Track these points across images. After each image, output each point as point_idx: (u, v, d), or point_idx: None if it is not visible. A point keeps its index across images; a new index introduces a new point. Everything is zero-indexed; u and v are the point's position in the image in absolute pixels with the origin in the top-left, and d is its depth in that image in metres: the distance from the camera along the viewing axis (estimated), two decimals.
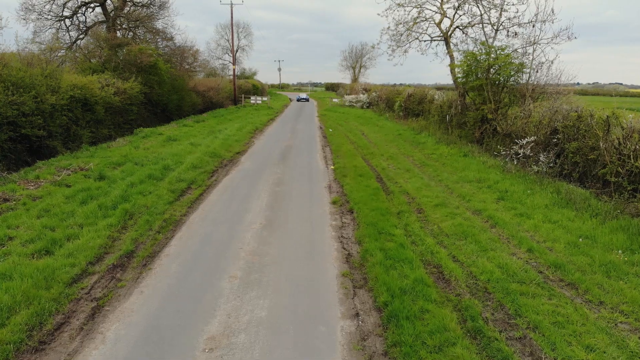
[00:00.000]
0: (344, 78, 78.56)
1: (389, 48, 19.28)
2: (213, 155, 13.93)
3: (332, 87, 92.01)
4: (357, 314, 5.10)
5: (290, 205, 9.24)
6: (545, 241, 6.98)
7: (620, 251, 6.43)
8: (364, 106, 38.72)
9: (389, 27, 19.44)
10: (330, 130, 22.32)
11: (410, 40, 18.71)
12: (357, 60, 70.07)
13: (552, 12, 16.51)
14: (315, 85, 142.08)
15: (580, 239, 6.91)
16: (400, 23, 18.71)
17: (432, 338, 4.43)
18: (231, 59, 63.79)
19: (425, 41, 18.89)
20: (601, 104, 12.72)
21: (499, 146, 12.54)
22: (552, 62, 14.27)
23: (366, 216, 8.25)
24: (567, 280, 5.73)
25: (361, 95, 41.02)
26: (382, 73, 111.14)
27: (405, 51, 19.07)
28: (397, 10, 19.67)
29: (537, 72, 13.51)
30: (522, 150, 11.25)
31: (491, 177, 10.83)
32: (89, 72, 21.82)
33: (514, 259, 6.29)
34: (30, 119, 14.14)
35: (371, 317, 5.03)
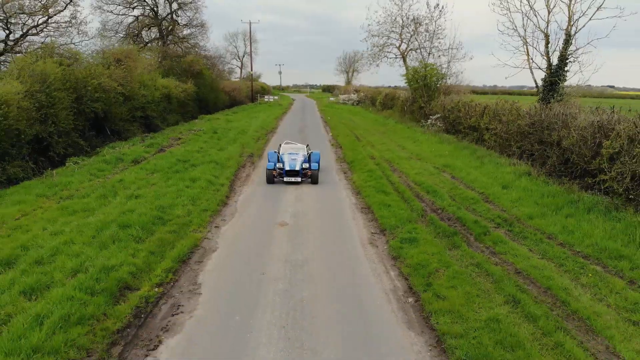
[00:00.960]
0: (339, 81, 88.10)
1: (367, 62, 29.17)
2: (261, 127, 23.62)
3: (328, 89, 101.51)
4: (335, 152, 14.84)
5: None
6: (420, 150, 16.69)
7: (446, 152, 16.14)
8: (355, 103, 48.51)
9: (367, 49, 29.34)
10: (329, 117, 32.06)
11: (381, 57, 28.63)
12: (350, 65, 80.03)
13: (460, 43, 26.54)
14: (312, 87, 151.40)
15: (431, 149, 16.64)
16: (375, 46, 28.63)
17: (361, 165, 14.10)
18: (239, 63, 73.46)
19: (390, 58, 28.82)
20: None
21: (422, 120, 22.34)
22: (461, 73, 24.11)
23: (347, 147, 17.92)
24: (418, 158, 15.44)
25: (352, 95, 50.85)
26: (380, 74, 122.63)
27: (377, 65, 29.08)
28: (372, 39, 29.55)
29: (449, 78, 23.35)
30: (431, 121, 21.03)
31: (415, 135, 20.58)
32: (158, 76, 31.31)
33: (402, 153, 16.03)
34: (149, 106, 23.74)
35: (345, 165, 14.72)
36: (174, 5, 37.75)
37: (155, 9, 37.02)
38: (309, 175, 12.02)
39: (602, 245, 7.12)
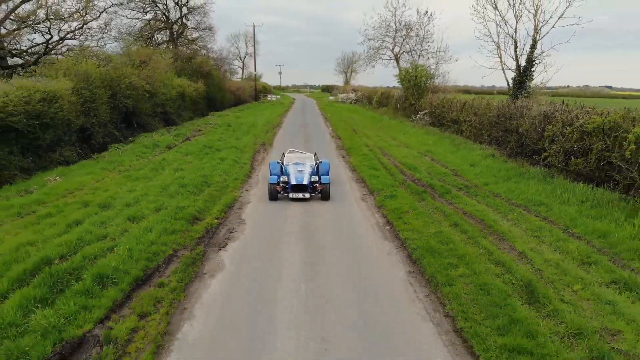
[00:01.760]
0: (338, 81, 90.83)
1: (364, 64, 31.89)
2: (268, 122, 26.27)
3: (327, 89, 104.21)
4: (335, 142, 17.47)
5: (316, 147, 21.58)
6: (408, 140, 19.34)
7: (430, 141, 18.82)
8: (353, 102, 51.18)
9: (364, 51, 31.99)
10: (329, 115, 34.72)
11: (377, 59, 31.33)
12: (348, 66, 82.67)
13: (447, 46, 29.23)
14: (311, 87, 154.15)
15: (418, 139, 19.31)
16: (371, 49, 31.33)
17: (357, 151, 16.76)
18: (240, 64, 75.98)
19: (385, 60, 31.53)
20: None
21: (413, 115, 25.02)
22: (448, 73, 26.80)
23: (345, 138, 20.57)
24: (406, 146, 18.10)
25: (350, 94, 53.51)
26: (378, 75, 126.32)
27: (373, 66, 31.79)
28: (369, 42, 32.34)
29: (437, 78, 26.03)
30: (420, 116, 23.71)
31: (405, 128, 23.25)
32: (174, 76, 33.88)
33: (393, 142, 18.70)
34: (167, 103, 26.36)
35: (344, 152, 17.38)
36: (184, 10, 40.41)
37: (166, 13, 39.63)
38: (318, 190, 10.25)
39: (531, 198, 9.79)
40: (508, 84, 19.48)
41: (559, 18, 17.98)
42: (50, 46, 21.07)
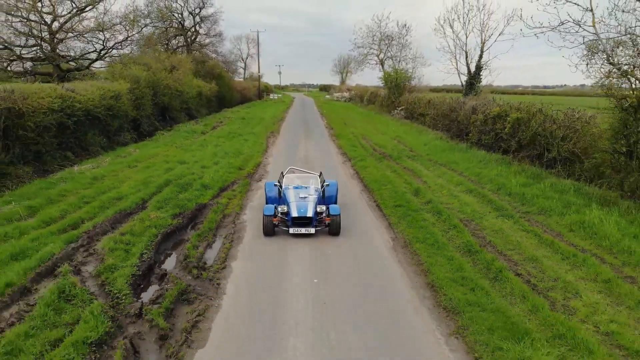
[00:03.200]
0: (335, 81, 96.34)
1: (354, 67, 37.52)
2: (273, 117, 31.76)
3: (325, 88, 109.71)
4: (328, 131, 22.99)
5: (313, 134, 27.08)
6: (386, 129, 24.85)
7: (402, 131, 24.33)
8: (347, 100, 56.72)
9: (355, 57, 37.61)
10: (325, 111, 40.25)
11: (365, 63, 36.96)
12: (344, 67, 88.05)
13: (422, 54, 35.05)
14: (309, 86, 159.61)
15: (393, 129, 24.82)
16: (361, 55, 36.94)
17: (344, 136, 22.27)
18: (242, 64, 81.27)
19: (372, 64, 37.18)
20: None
21: (393, 111, 30.56)
22: (423, 75, 32.38)
23: (337, 129, 26.03)
24: (382, 133, 23.61)
25: (345, 93, 59.08)
26: (374, 75, 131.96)
27: (362, 69, 37.44)
28: (358, 49, 38.05)
29: (414, 80, 31.58)
30: (397, 111, 29.22)
31: (386, 121, 28.76)
32: (193, 78, 39.24)
33: (373, 130, 24.22)
34: (190, 100, 31.79)
35: (334, 137, 22.89)
36: (197, 19, 45.78)
37: (182, 22, 45.00)
38: (326, 224, 8.34)
39: (450, 160, 15.30)
40: (462, 85, 24.99)
41: (499, 34, 23.57)
42: (102, 54, 26.47)
